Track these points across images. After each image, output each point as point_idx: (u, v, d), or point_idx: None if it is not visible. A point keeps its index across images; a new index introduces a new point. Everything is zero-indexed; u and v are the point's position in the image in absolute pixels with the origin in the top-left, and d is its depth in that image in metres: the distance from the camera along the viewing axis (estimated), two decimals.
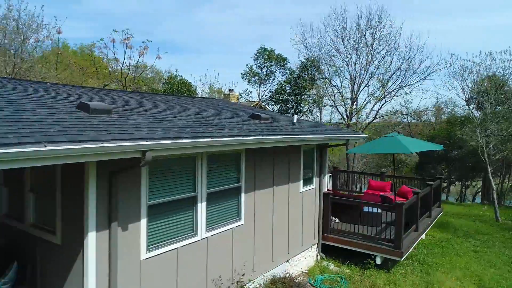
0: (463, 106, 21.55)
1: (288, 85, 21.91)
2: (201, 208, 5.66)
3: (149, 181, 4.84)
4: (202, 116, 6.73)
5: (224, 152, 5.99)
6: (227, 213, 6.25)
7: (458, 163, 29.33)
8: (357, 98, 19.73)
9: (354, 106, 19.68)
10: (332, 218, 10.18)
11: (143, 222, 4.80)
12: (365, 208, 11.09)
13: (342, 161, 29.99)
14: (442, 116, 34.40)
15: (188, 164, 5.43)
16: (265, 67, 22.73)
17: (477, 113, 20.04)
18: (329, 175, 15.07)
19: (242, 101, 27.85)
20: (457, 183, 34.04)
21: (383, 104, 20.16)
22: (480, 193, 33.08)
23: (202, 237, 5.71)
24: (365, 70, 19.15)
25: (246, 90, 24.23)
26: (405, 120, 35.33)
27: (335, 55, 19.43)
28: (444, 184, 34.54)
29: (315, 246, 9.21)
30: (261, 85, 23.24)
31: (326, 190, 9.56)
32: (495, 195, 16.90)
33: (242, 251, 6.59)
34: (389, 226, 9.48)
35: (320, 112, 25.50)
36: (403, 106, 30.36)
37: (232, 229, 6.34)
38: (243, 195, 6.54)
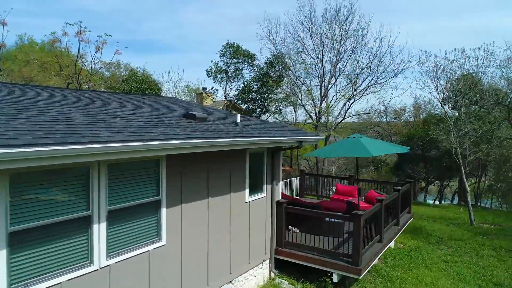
0: (436, 105, 20.96)
1: (255, 83, 20.77)
2: (99, 229, 4.56)
3: (10, 200, 3.71)
4: (115, 115, 5.62)
5: (133, 160, 4.90)
6: (140, 233, 5.17)
7: (436, 163, 28.91)
8: (326, 96, 18.82)
9: (323, 105, 18.77)
10: (291, 228, 9.23)
11: (2, 254, 3.67)
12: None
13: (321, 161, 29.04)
14: (421, 115, 34.08)
15: (77, 176, 4.33)
16: (232, 64, 21.55)
17: (452, 113, 19.48)
18: (295, 179, 14.16)
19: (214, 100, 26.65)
20: (436, 182, 33.71)
21: (352, 103, 19.29)
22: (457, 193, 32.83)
23: (102, 266, 4.61)
24: (333, 67, 18.25)
25: (212, 88, 22.98)
26: (384, 119, 34.88)
27: (302, 50, 18.49)
28: (423, 184, 34.23)
29: (266, 262, 8.21)
30: (229, 83, 22.06)
31: (280, 198, 8.57)
32: (469, 198, 16.26)
33: (164, 277, 5.51)
34: (351, 236, 8.57)
35: (295, 111, 24.54)
36: (382, 105, 29.83)
37: (149, 252, 5.26)
38: (164, 210, 5.46)
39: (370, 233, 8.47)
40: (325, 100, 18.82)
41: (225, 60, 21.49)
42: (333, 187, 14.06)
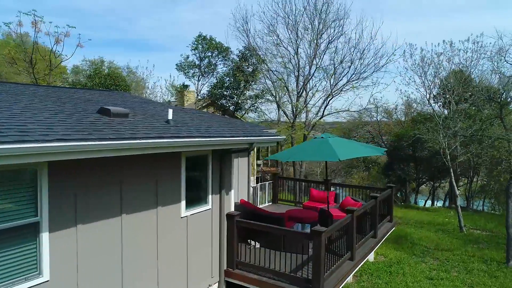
0: (423, 102, 19.75)
1: (228, 78, 19.27)
2: None
3: None
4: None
5: None
6: (6, 268, 3.83)
7: (427, 163, 27.78)
8: (305, 90, 17.40)
9: (300, 102, 17.37)
10: (251, 242, 7.95)
11: None
12: (295, 226, 8.95)
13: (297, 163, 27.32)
14: (413, 114, 32.97)
15: None
16: (206, 58, 20.04)
17: (441, 111, 18.30)
18: (267, 183, 12.87)
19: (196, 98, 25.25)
20: (429, 182, 32.55)
21: (330, 100, 17.94)
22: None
23: None
24: (310, 60, 16.91)
25: (183, 84, 21.37)
26: (375, 118, 33.69)
27: (277, 42, 17.13)
28: (414, 185, 33.07)
29: (214, 287, 6.90)
30: (202, 79, 20.47)
31: (232, 209, 7.26)
32: (458, 203, 15.06)
33: None
34: None
35: (279, 109, 23.11)
36: (372, 103, 28.54)
37: None
38: (45, 235, 4.12)
39: (339, 250, 7.21)
40: (302, 95, 17.45)
41: (198, 54, 20.01)
42: (302, 196, 12.82)
